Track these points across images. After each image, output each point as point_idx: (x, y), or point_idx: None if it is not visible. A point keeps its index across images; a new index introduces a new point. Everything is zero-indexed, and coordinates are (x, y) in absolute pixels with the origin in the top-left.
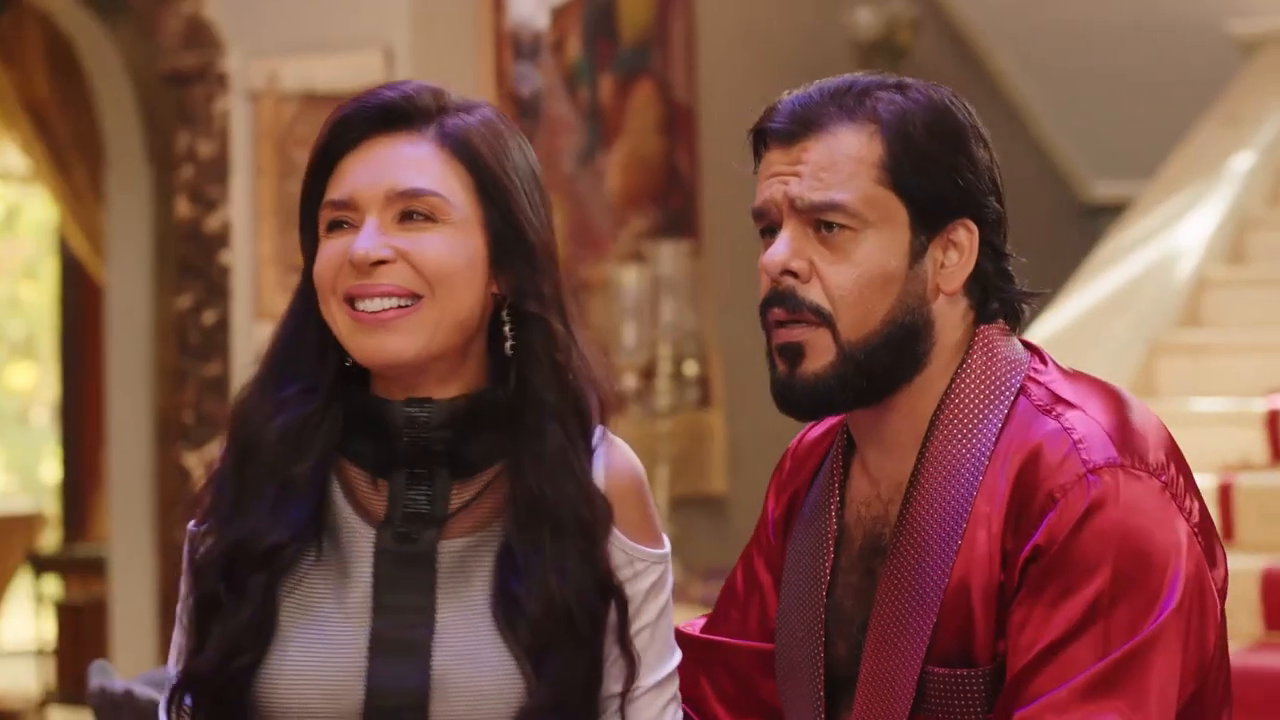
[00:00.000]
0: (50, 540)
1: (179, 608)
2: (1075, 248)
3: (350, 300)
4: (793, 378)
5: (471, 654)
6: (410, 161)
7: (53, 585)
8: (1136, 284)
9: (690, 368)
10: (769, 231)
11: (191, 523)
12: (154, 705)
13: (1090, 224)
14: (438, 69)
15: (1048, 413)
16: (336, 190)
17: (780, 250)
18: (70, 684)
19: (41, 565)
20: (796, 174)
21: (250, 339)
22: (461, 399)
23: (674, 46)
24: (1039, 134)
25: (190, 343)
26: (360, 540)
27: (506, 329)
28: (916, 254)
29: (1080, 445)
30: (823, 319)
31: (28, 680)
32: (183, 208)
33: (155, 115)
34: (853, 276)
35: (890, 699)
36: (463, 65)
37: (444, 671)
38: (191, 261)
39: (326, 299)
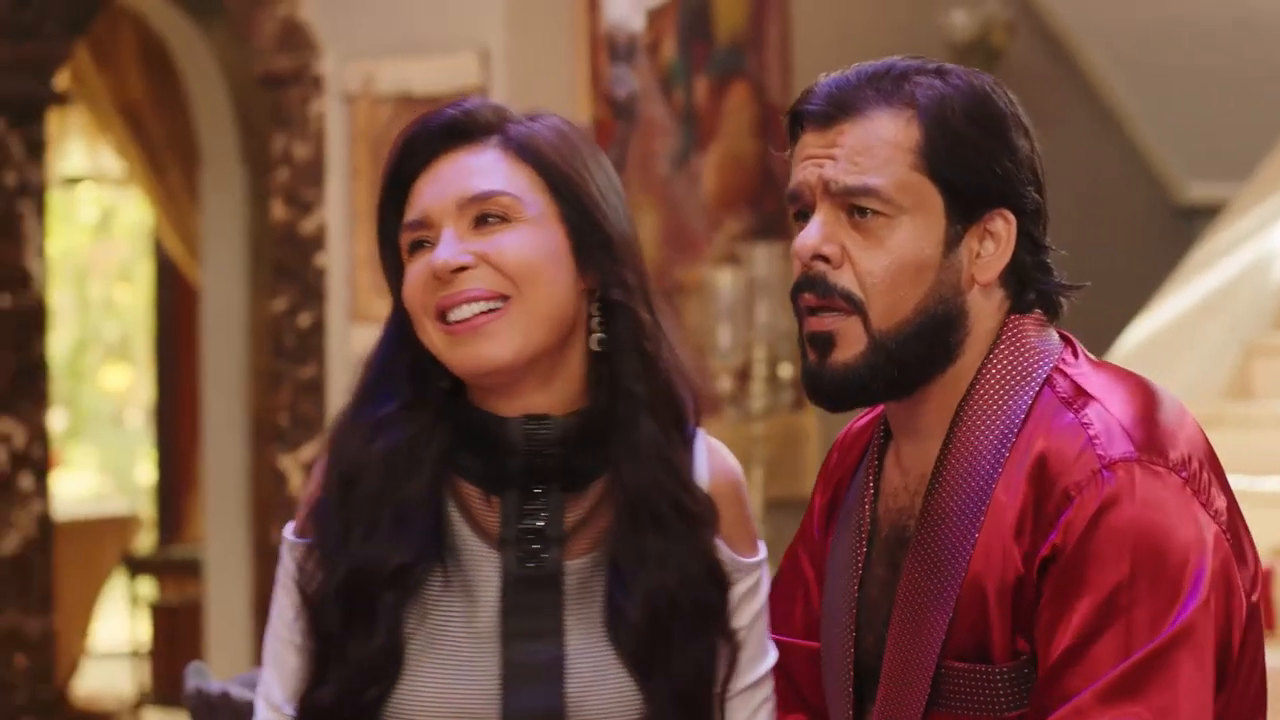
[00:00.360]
0: (145, 542)
1: (276, 623)
2: (1170, 250)
3: (441, 315)
4: (823, 367)
5: (600, 675)
6: (476, 168)
7: (148, 587)
8: (1232, 286)
9: (785, 370)
10: (802, 215)
11: (289, 531)
12: (250, 707)
13: (1185, 226)
14: (533, 71)
15: (1069, 405)
16: (411, 212)
17: (812, 234)
18: (165, 685)
19: (136, 567)
20: (831, 157)
21: (345, 341)
22: (576, 415)
23: (769, 48)
24: (1133, 135)
25: (285, 345)
26: (483, 563)
27: (594, 321)
28: (951, 243)
29: (1096, 440)
30: (854, 306)
31: (123, 682)
32: (278, 210)
33: (250, 117)
34: (885, 263)
35: (908, 693)
36: (558, 67)
37: (577, 695)
38: (287, 264)
39: (420, 320)
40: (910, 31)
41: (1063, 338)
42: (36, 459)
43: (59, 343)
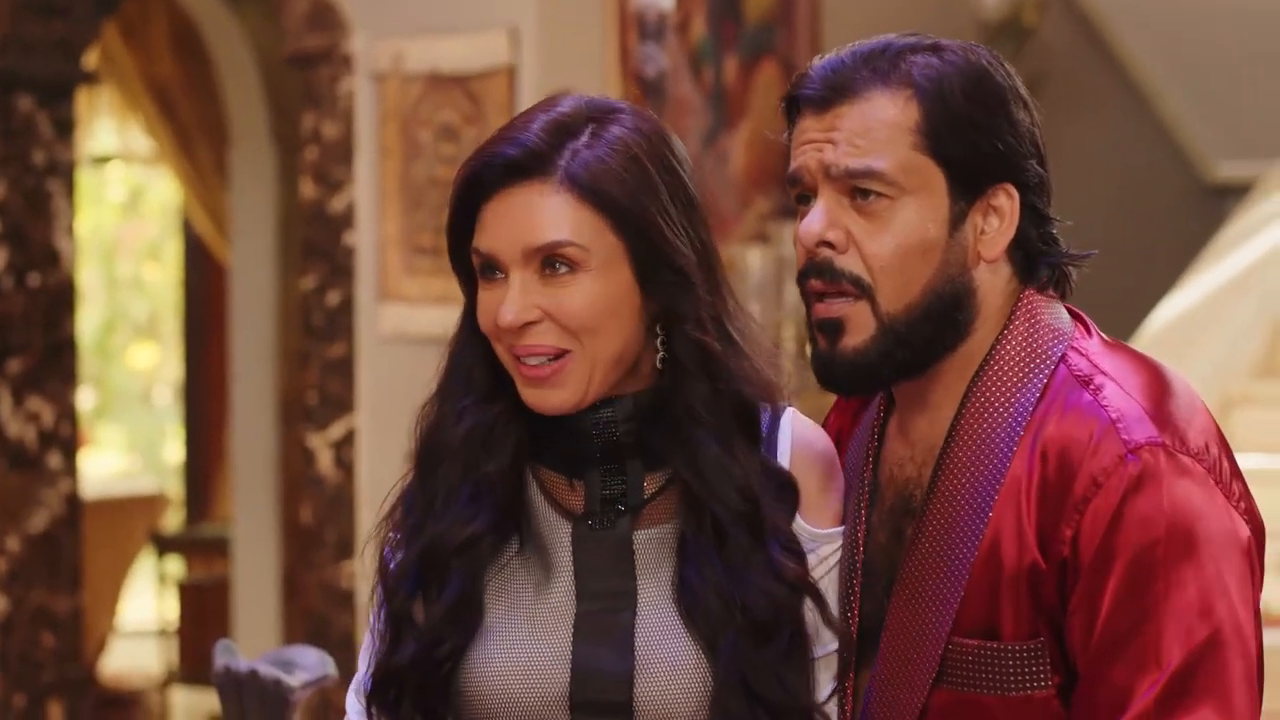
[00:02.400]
0: (173, 520)
1: (371, 615)
2: (1200, 229)
3: (512, 352)
4: (833, 353)
5: (667, 634)
6: (541, 214)
7: (175, 565)
8: (1261, 265)
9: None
10: (802, 199)
11: (387, 531)
12: (278, 685)
13: (1216, 205)
14: (562, 50)
15: (1086, 384)
16: (480, 239)
17: (816, 220)
18: (192, 664)
19: (164, 545)
20: (831, 141)
21: (374, 320)
22: (645, 392)
23: (798, 27)
24: (1164, 114)
25: (314, 324)
26: (559, 533)
27: (659, 341)
28: (956, 221)
29: (1119, 424)
30: (862, 290)
31: (150, 660)
32: (307, 189)
33: (280, 96)
34: (891, 245)
35: (912, 668)
36: (588, 46)
37: (645, 652)
38: (316, 242)
39: (495, 344)
40: (941, 11)
41: (1074, 315)
42: (65, 437)
43: (87, 321)
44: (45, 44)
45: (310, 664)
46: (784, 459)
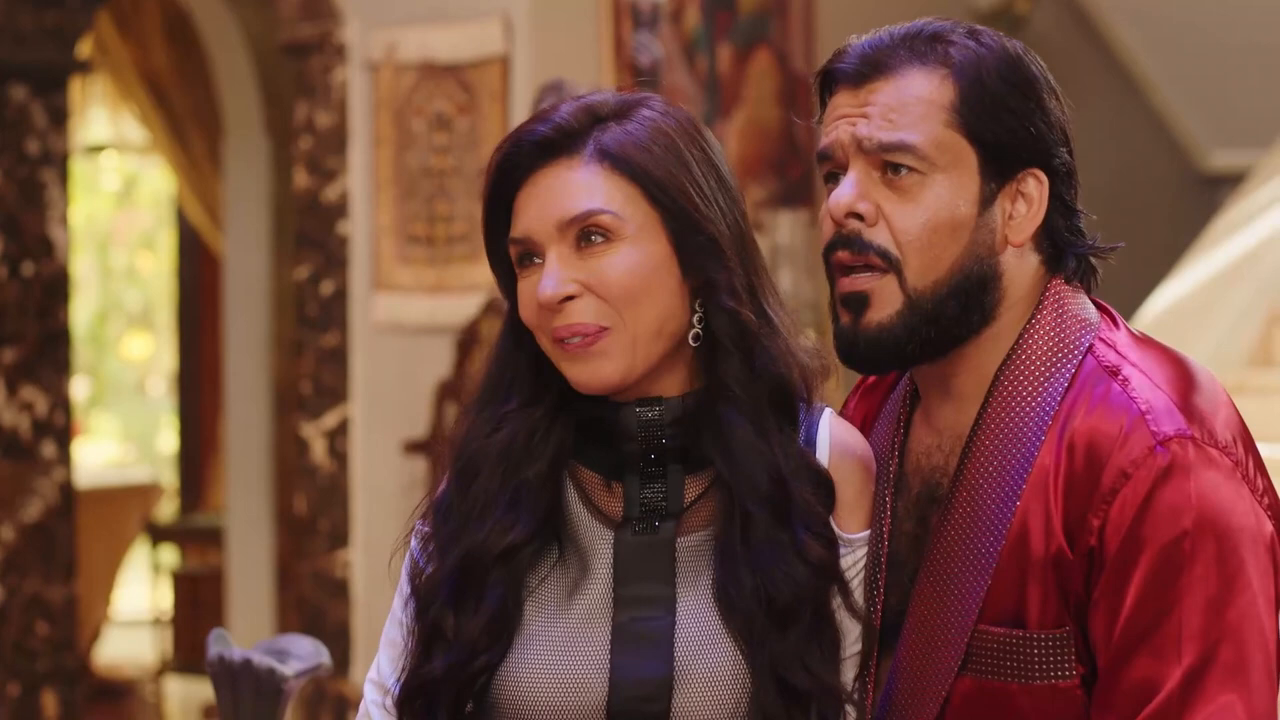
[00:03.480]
0: (167, 510)
1: (396, 607)
2: (1194, 218)
3: (554, 334)
4: (857, 328)
5: (708, 642)
6: (573, 186)
7: (170, 555)
8: (1255, 254)
9: (808, 337)
10: (832, 177)
11: (418, 553)
12: (272, 674)
13: (1209, 194)
14: (556, 39)
15: (1114, 375)
16: (516, 227)
17: (847, 192)
18: (187, 653)
19: (158, 535)
20: (865, 115)
21: (368, 309)
22: (691, 395)
23: (792, 16)
24: (1157, 104)
25: (308, 313)
26: (599, 539)
27: (695, 319)
28: (986, 201)
29: (1148, 416)
30: (890, 264)
31: (144, 649)
32: (301, 178)
33: (273, 86)
34: (921, 220)
35: (938, 655)
36: (581, 34)
37: (685, 661)
38: (309, 232)
39: (537, 335)
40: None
41: (1100, 308)
42: (59, 427)
43: (81, 311)
44: (39, 34)
45: (304, 653)
46: (822, 454)
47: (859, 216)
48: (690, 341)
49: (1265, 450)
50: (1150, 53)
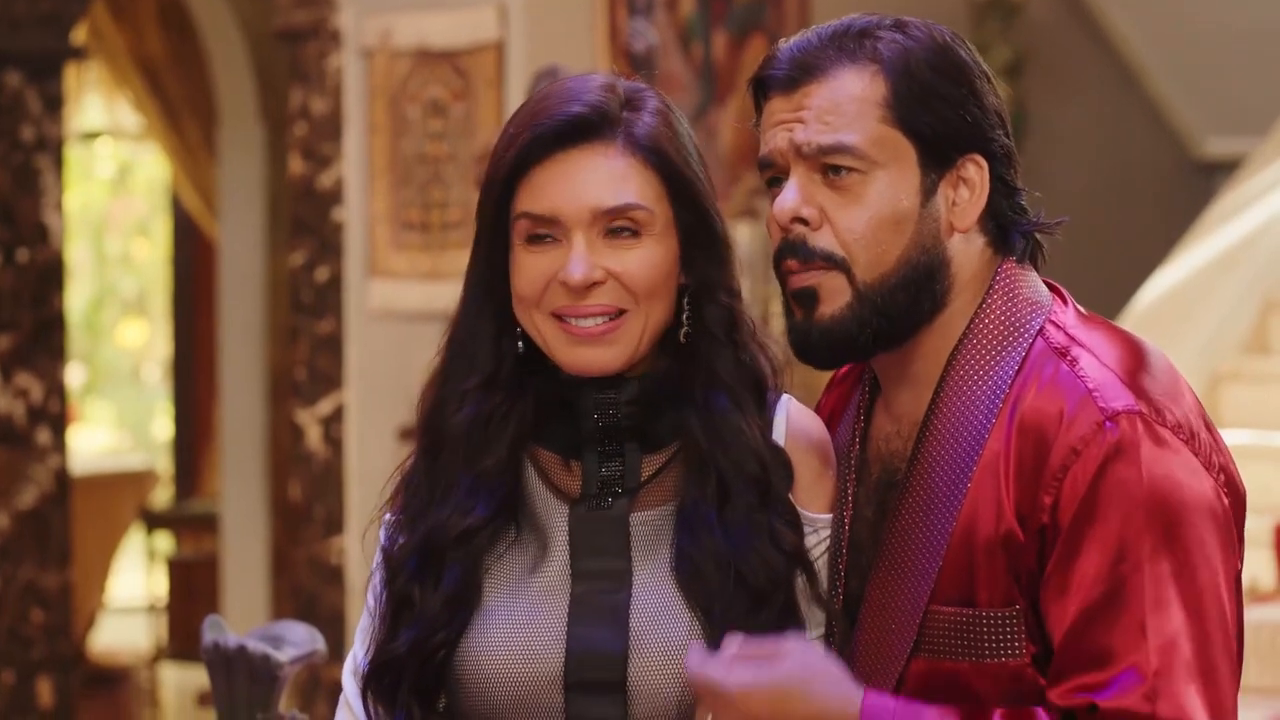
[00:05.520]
0: (162, 497)
1: (369, 597)
2: (1188, 205)
3: (559, 315)
4: (809, 323)
5: (663, 613)
6: (610, 176)
7: (164, 541)
8: (1250, 241)
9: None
10: (774, 183)
11: (388, 514)
12: (266, 660)
13: (1204, 181)
14: (551, 26)
15: (1063, 356)
16: (534, 203)
17: (790, 198)
18: (182, 640)
19: (153, 522)
20: (800, 120)
21: (363, 296)
22: (649, 377)
23: (787, 3)
24: (1152, 91)
25: (303, 300)
26: (556, 516)
27: (685, 315)
28: (928, 192)
29: (1095, 394)
30: (836, 265)
31: (139, 636)
32: (296, 165)
33: (268, 72)
34: (864, 218)
35: (891, 637)
36: (576, 21)
37: (640, 632)
38: (304, 218)
39: (530, 312)
40: None
41: (1052, 288)
42: (54, 414)
43: (76, 298)
44: (33, 20)
45: (299, 640)
46: (779, 436)
47: (804, 221)
48: (681, 338)
49: (1259, 437)
50: (1145, 40)
